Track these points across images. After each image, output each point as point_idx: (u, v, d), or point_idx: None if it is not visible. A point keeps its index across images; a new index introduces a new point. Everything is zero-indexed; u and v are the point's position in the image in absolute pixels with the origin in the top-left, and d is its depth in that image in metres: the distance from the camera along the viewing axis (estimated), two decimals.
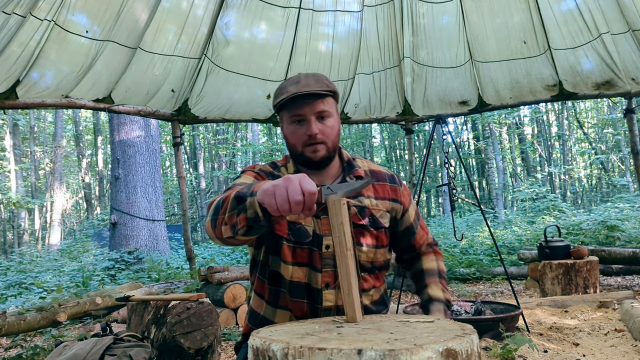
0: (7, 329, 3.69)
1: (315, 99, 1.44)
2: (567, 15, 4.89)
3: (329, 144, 1.48)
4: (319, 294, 1.42)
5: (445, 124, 4.41)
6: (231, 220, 1.19)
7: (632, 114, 5.37)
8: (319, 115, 1.45)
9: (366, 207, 1.50)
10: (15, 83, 3.88)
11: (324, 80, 1.48)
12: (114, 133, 9.20)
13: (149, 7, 4.24)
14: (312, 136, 1.44)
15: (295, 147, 1.49)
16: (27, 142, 19.19)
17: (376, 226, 1.50)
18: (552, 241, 5.16)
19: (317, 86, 1.44)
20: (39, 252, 13.70)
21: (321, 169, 1.52)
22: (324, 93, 1.45)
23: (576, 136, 22.36)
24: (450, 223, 10.23)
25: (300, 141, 1.47)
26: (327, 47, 5.22)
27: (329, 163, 1.52)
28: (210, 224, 1.27)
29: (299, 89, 1.43)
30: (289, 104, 1.44)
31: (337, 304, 1.42)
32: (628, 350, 3.10)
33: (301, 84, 1.44)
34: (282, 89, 1.48)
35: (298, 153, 1.49)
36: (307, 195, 1.08)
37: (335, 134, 1.49)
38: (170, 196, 22.17)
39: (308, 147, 1.46)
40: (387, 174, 1.61)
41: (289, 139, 1.50)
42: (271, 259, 1.47)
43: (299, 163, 1.53)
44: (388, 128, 21.41)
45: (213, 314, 3.03)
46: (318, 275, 1.43)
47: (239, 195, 1.18)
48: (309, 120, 1.45)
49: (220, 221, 1.22)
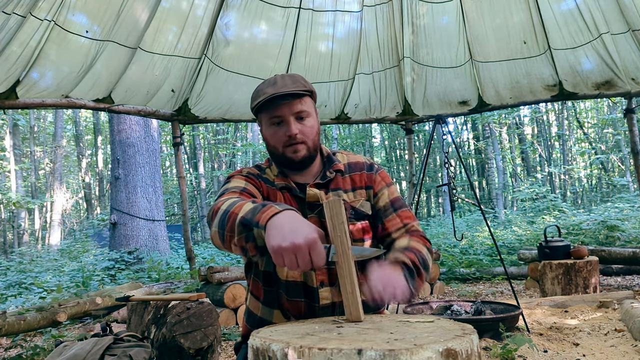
0: (7, 329, 3.69)
1: (293, 99, 1.44)
2: (567, 15, 4.89)
3: (309, 143, 1.48)
4: (315, 292, 1.43)
5: (445, 124, 4.41)
6: (240, 243, 1.20)
7: (632, 114, 5.38)
8: (298, 115, 1.46)
9: (345, 201, 1.49)
10: (15, 83, 3.88)
11: (300, 80, 1.48)
12: (114, 133, 9.20)
13: (149, 7, 4.24)
14: (292, 136, 1.45)
15: (276, 149, 1.49)
16: (27, 142, 19.20)
17: (358, 216, 1.50)
18: (552, 241, 5.16)
19: (294, 86, 1.44)
20: (39, 252, 13.70)
21: (303, 169, 1.52)
22: (302, 93, 1.45)
23: (576, 136, 22.37)
24: (450, 223, 10.24)
25: (281, 142, 1.47)
26: (327, 47, 5.22)
27: (310, 162, 1.52)
28: (217, 236, 1.27)
29: (276, 90, 1.43)
30: (267, 105, 1.45)
31: (334, 301, 1.43)
32: (628, 350, 3.10)
33: (278, 85, 1.44)
34: (259, 91, 1.48)
35: (279, 154, 1.49)
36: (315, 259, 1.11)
37: (314, 133, 1.50)
38: (170, 196, 22.17)
39: (289, 148, 1.47)
40: (366, 162, 1.60)
41: (269, 141, 1.50)
42: (265, 261, 1.47)
43: (280, 164, 1.53)
44: (388, 128, 21.43)
45: (213, 314, 3.03)
46: (312, 274, 1.43)
47: (245, 223, 1.18)
48: (287, 121, 1.45)
49: (229, 239, 1.23)
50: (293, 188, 1.50)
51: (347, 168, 1.57)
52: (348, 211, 1.19)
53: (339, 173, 1.55)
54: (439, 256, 6.60)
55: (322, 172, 1.55)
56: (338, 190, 1.51)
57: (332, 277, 1.43)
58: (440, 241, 9.19)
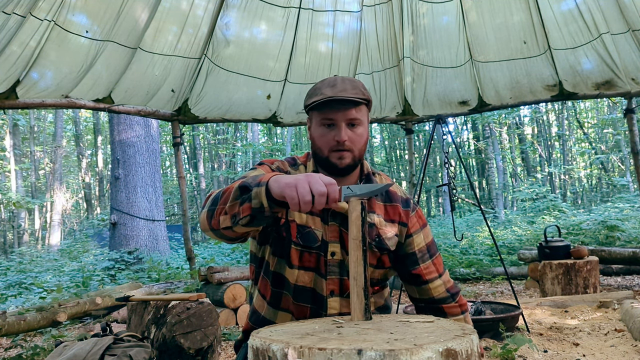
0: (7, 329, 3.69)
1: (350, 105, 1.40)
2: (567, 15, 4.89)
3: (356, 152, 1.44)
4: (324, 300, 1.42)
5: (445, 124, 4.41)
6: (232, 210, 1.18)
7: (632, 114, 5.37)
8: (350, 122, 1.42)
9: (374, 225, 1.46)
10: (15, 83, 3.88)
11: (360, 87, 1.44)
12: (114, 133, 9.20)
13: (149, 7, 4.24)
14: (341, 142, 1.40)
15: (321, 151, 1.45)
16: (27, 142, 19.20)
17: (381, 247, 1.46)
18: (552, 241, 5.16)
19: (353, 92, 1.40)
20: (39, 252, 13.71)
21: (343, 175, 1.48)
22: (359, 100, 1.41)
23: (576, 136, 22.36)
24: (450, 223, 10.23)
25: (328, 146, 1.43)
26: (327, 47, 5.22)
27: (351, 171, 1.48)
28: (206, 214, 1.25)
29: (335, 92, 1.39)
30: (322, 106, 1.41)
31: (342, 312, 1.41)
32: (628, 350, 3.10)
33: (337, 87, 1.40)
34: (317, 90, 1.44)
35: (323, 157, 1.45)
36: (329, 187, 1.09)
37: (363, 142, 1.46)
38: (170, 196, 22.17)
39: (334, 153, 1.43)
40: (403, 197, 1.55)
41: (315, 141, 1.46)
42: (277, 261, 1.45)
43: (321, 166, 1.49)
44: (388, 128, 21.43)
45: (213, 314, 3.03)
46: (323, 282, 1.41)
47: (244, 185, 1.17)
48: (339, 126, 1.41)
49: (220, 211, 1.21)
50: None
51: (385, 194, 1.53)
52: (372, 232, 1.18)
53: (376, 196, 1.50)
54: None
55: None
56: (371, 213, 1.47)
57: (344, 287, 1.42)
58: (441, 241, 9.19)
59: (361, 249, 1.17)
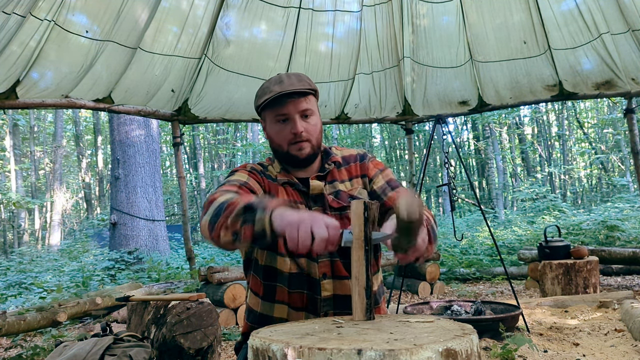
0: (7, 329, 3.69)
1: (299, 97, 1.46)
2: (567, 15, 4.89)
3: (314, 141, 1.51)
4: (318, 284, 1.44)
5: (445, 124, 4.41)
6: (234, 227, 1.20)
7: (632, 114, 5.37)
8: (303, 113, 1.48)
9: (342, 191, 1.53)
10: (15, 83, 3.88)
11: (305, 79, 1.51)
12: (114, 133, 9.20)
13: (149, 7, 4.24)
14: (298, 134, 1.47)
15: (280, 147, 1.51)
16: (27, 142, 19.20)
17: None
18: (552, 241, 5.16)
19: (300, 85, 1.47)
20: (39, 252, 13.70)
21: (306, 166, 1.55)
22: (307, 91, 1.48)
23: (576, 136, 22.35)
24: (450, 223, 10.22)
25: (286, 140, 1.49)
26: (327, 47, 5.22)
27: (314, 159, 1.55)
28: (207, 224, 1.27)
29: (283, 88, 1.45)
30: (273, 103, 1.47)
31: (335, 293, 1.44)
32: (628, 350, 3.10)
33: (285, 83, 1.46)
34: (265, 89, 1.50)
35: (284, 152, 1.52)
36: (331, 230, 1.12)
37: (318, 131, 1.53)
38: (170, 196, 22.17)
39: (293, 146, 1.49)
40: (359, 153, 1.64)
41: (274, 139, 1.52)
42: (266, 255, 1.47)
43: (284, 162, 1.55)
44: (388, 128, 21.42)
45: (213, 314, 3.03)
46: (315, 265, 1.44)
47: (249, 205, 1.19)
48: (293, 118, 1.47)
49: (221, 225, 1.23)
50: (296, 183, 1.52)
51: (343, 161, 1.61)
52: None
53: (335, 165, 1.58)
54: (439, 256, 6.60)
55: (321, 166, 1.58)
56: (334, 182, 1.54)
57: (335, 269, 1.45)
58: (441, 241, 9.18)
59: (363, 248, 1.17)
